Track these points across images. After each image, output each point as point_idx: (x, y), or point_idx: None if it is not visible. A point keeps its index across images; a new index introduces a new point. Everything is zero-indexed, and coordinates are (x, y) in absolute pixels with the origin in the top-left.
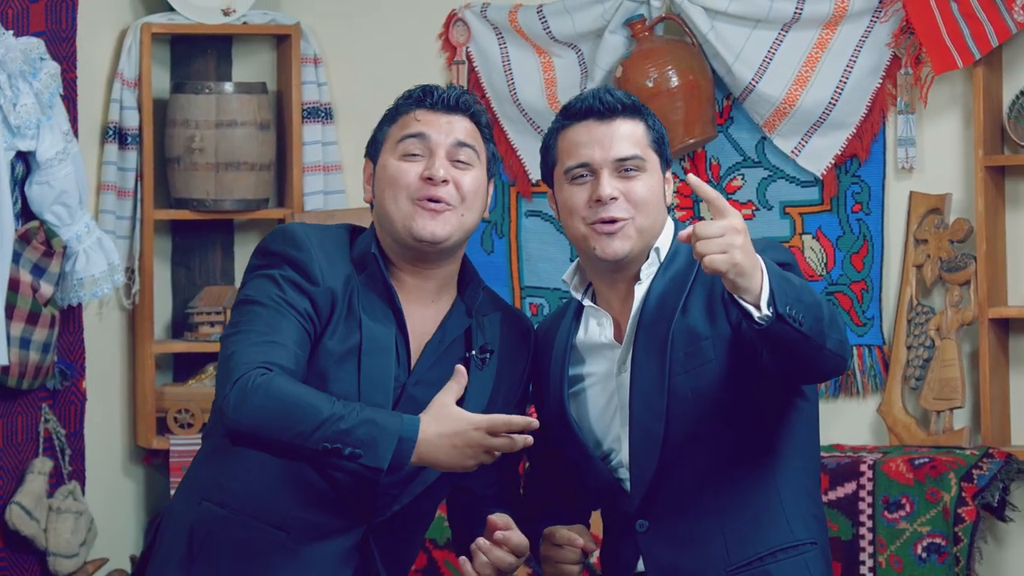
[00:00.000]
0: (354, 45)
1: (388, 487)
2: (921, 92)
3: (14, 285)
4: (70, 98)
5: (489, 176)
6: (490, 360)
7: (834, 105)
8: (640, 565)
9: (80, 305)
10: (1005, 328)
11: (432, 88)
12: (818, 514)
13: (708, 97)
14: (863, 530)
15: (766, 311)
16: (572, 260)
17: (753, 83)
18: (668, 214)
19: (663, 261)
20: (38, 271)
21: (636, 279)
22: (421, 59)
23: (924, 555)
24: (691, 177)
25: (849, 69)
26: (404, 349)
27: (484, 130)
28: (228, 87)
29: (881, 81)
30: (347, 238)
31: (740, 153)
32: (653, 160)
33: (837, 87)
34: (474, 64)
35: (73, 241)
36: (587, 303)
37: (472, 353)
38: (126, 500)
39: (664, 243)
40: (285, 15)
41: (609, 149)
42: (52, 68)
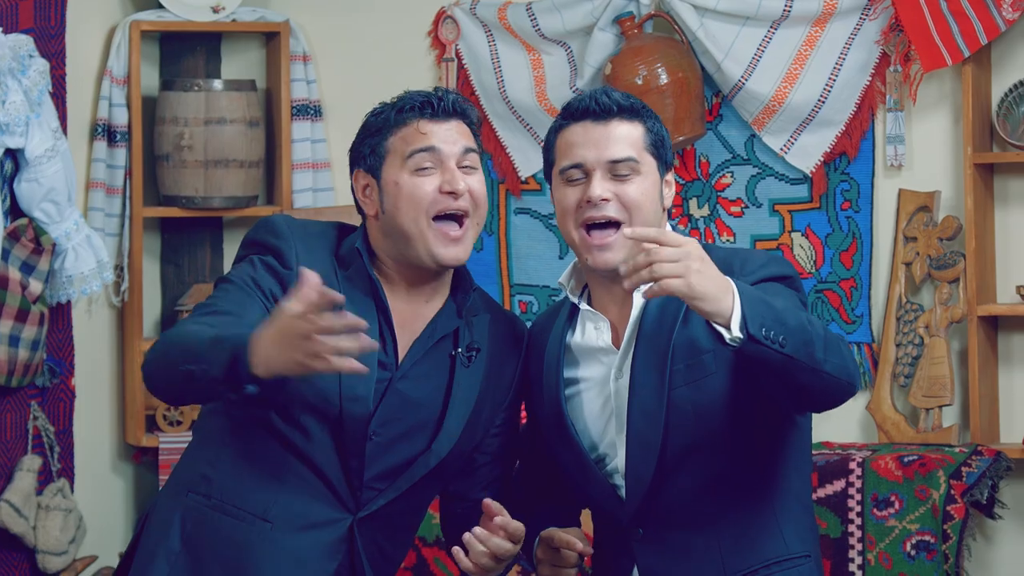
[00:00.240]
0: (343, 42)
1: (372, 481)
2: (910, 89)
3: (3, 282)
4: (59, 95)
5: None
6: (477, 359)
7: (823, 102)
8: (635, 573)
9: (69, 302)
10: (994, 325)
11: (428, 97)
12: (812, 525)
13: (697, 94)
14: (852, 528)
15: (737, 333)
16: (561, 258)
17: (742, 80)
18: (667, 218)
19: None
20: (27, 268)
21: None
22: (410, 56)
23: (913, 553)
24: (625, 230)
25: (838, 66)
26: (391, 344)
27: (475, 128)
28: (217, 84)
29: (870, 78)
30: (334, 235)
31: (729, 151)
32: (649, 163)
33: (826, 84)
34: (463, 61)
35: (62, 238)
36: (584, 306)
37: (459, 351)
38: (115, 497)
39: None
40: (274, 12)
41: (603, 150)
42: (41, 65)
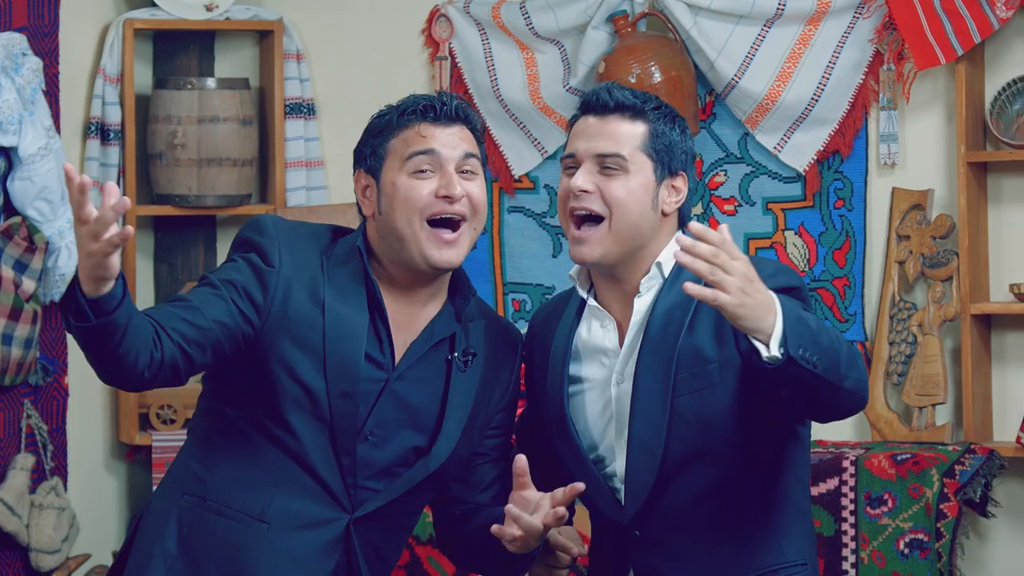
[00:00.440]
0: (337, 41)
1: (368, 481)
2: (903, 88)
3: None
4: (52, 94)
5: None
6: (473, 365)
7: (816, 101)
8: (631, 574)
9: None
10: (987, 324)
11: (432, 101)
12: (810, 532)
13: (691, 93)
14: (846, 526)
15: (776, 352)
16: (555, 256)
17: (736, 79)
18: (678, 228)
19: (668, 276)
20: (20, 267)
21: (635, 291)
22: (404, 55)
23: (906, 551)
24: (693, 225)
25: (832, 65)
26: (388, 344)
27: (478, 134)
28: (210, 83)
29: (863, 77)
30: (327, 236)
31: (723, 149)
32: (642, 163)
33: (820, 83)
34: (457, 60)
35: (55, 237)
36: (592, 302)
37: (455, 355)
38: (108, 496)
39: (667, 258)
40: (268, 11)
41: (593, 143)
42: (34, 63)
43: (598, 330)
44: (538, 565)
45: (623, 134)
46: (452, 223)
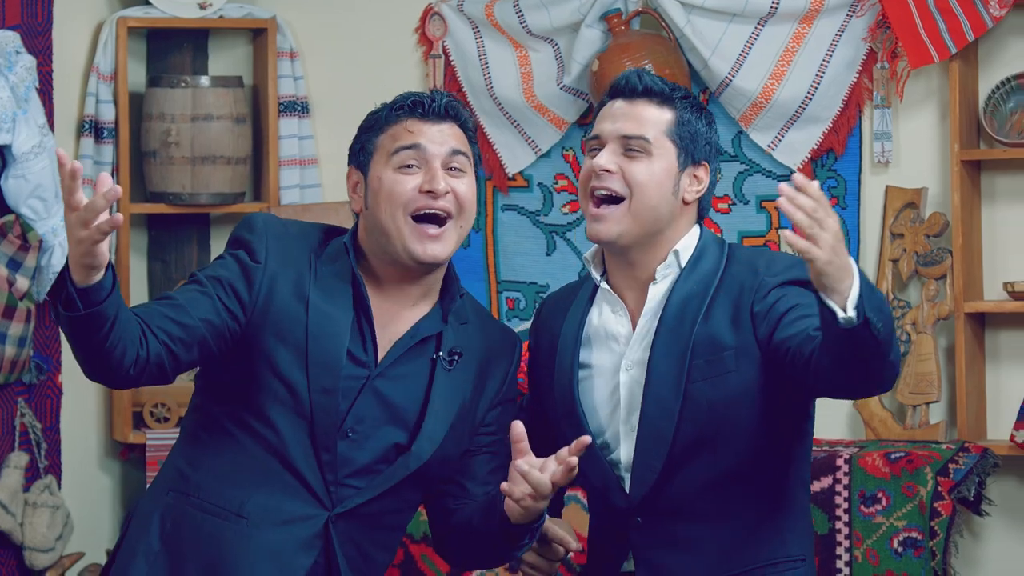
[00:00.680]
0: (330, 39)
1: (348, 478)
2: (897, 86)
3: None
4: (46, 92)
5: (476, 177)
6: (460, 366)
7: (810, 99)
8: (628, 565)
9: None
10: (981, 322)
11: (421, 97)
12: (809, 530)
13: None
14: (840, 524)
15: (851, 313)
16: (548, 255)
17: (729, 77)
18: (696, 219)
19: (685, 265)
20: (14, 265)
21: (651, 278)
22: (398, 53)
23: (900, 549)
24: (796, 177)
25: (825, 63)
26: (371, 342)
27: (470, 134)
28: (204, 81)
29: (857, 75)
30: (318, 235)
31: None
32: (666, 148)
33: (813, 81)
34: (450, 58)
35: (49, 235)
36: (604, 287)
37: (440, 355)
38: (102, 494)
39: (685, 246)
40: (261, 9)
41: (619, 124)
42: (28, 61)
43: (609, 316)
44: (530, 553)
45: (649, 118)
46: (437, 219)
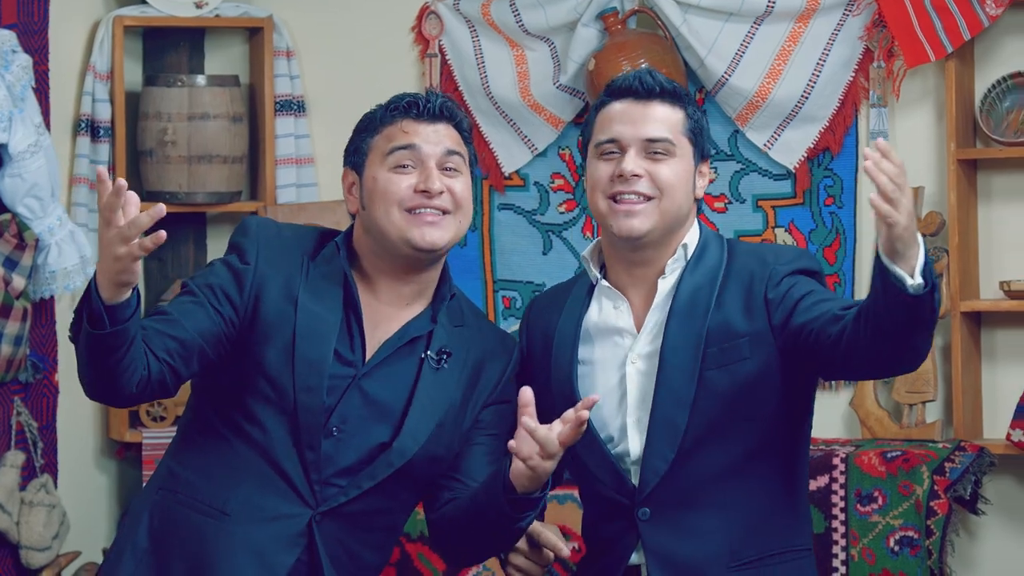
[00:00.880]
0: (327, 38)
1: (334, 477)
2: (893, 85)
3: None
4: (42, 91)
5: (472, 178)
6: (451, 366)
7: (806, 98)
8: (635, 557)
9: (52, 298)
10: (977, 321)
11: (416, 98)
12: (810, 520)
13: None
14: (836, 523)
15: (919, 280)
16: (545, 254)
17: (726, 76)
18: (696, 210)
19: (691, 257)
20: (10, 264)
21: (660, 273)
22: (394, 52)
23: (897, 548)
24: (879, 142)
25: (821, 62)
26: (359, 341)
27: (466, 134)
28: (200, 80)
29: (853, 74)
30: (313, 238)
31: (713, 146)
32: (685, 147)
33: (809, 80)
34: (447, 57)
35: (45, 234)
36: (604, 283)
37: (428, 353)
38: (99, 493)
39: (691, 240)
40: (258, 8)
41: (640, 128)
42: (24, 60)
43: (610, 311)
44: (518, 556)
45: (667, 118)
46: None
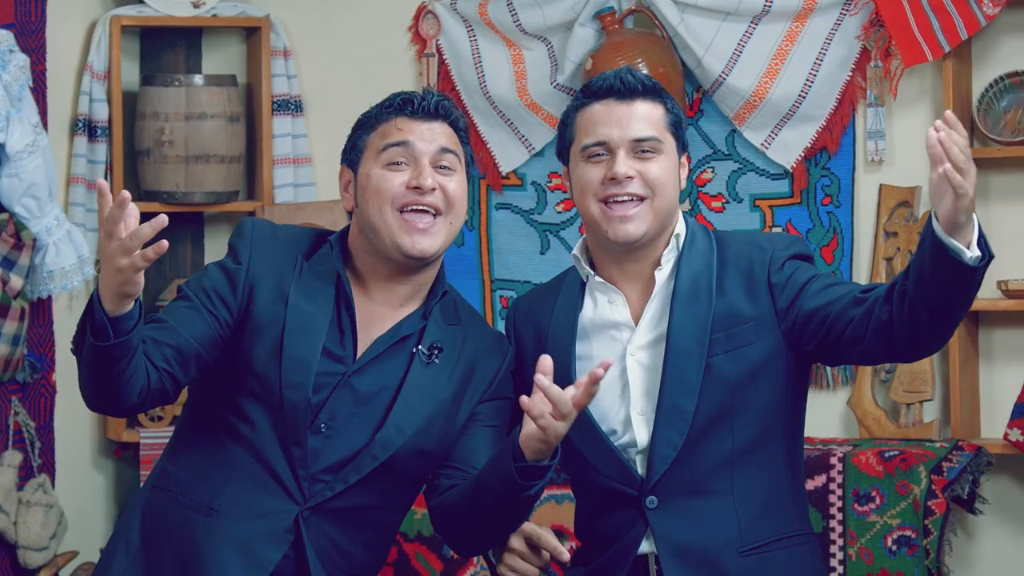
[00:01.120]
0: (324, 38)
1: (322, 473)
2: (891, 85)
3: None
4: (39, 90)
5: (467, 177)
6: (443, 361)
7: (804, 98)
8: (644, 546)
9: (50, 298)
10: (975, 321)
11: (411, 95)
12: (807, 505)
13: (678, 90)
14: (833, 523)
15: (976, 252)
16: (542, 253)
17: (723, 76)
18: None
19: (683, 246)
20: (7, 264)
21: (656, 265)
22: (391, 52)
23: (894, 548)
24: (948, 114)
25: (819, 62)
26: (351, 338)
27: (462, 133)
28: (198, 79)
29: (851, 74)
30: (310, 239)
31: (710, 146)
32: (670, 143)
33: (807, 80)
34: (444, 57)
35: (43, 234)
36: (598, 279)
37: (419, 348)
38: (96, 493)
39: (680, 230)
40: (255, 7)
41: (627, 129)
42: (21, 60)
43: (606, 305)
44: (512, 556)
45: (652, 116)
46: (426, 212)
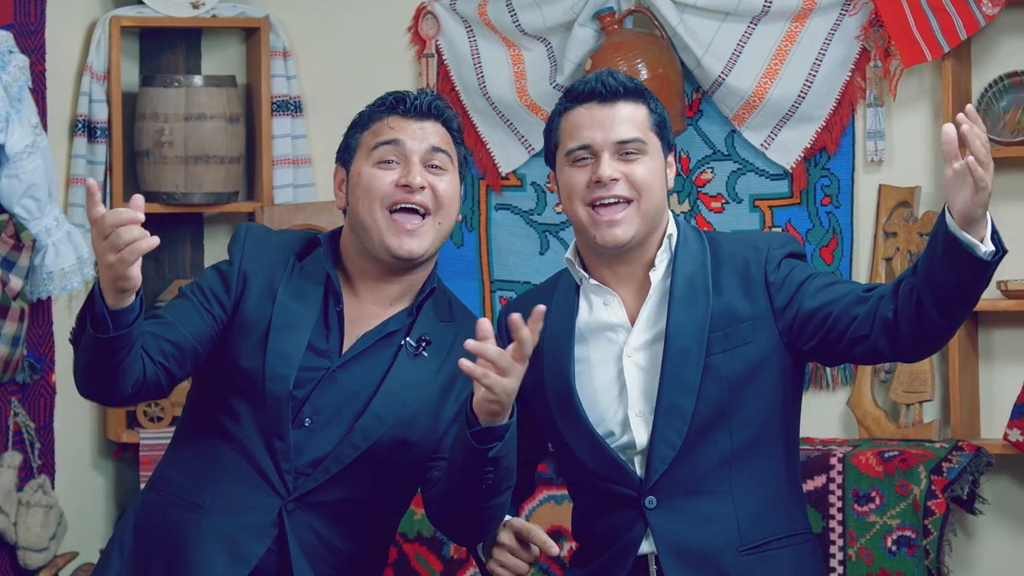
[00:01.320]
0: (323, 38)
1: (306, 467)
2: (890, 85)
3: None
4: (39, 91)
5: (461, 178)
6: (430, 353)
7: (803, 98)
8: (644, 546)
9: (50, 299)
10: (974, 321)
11: (404, 95)
12: (805, 506)
13: (677, 90)
14: (833, 523)
15: (991, 246)
16: (542, 254)
17: (722, 76)
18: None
19: (676, 246)
20: (7, 264)
21: (649, 266)
22: (390, 52)
23: (894, 548)
24: (969, 108)
25: (818, 62)
26: (336, 333)
27: (455, 134)
28: (197, 80)
29: (850, 74)
30: (303, 242)
31: (710, 146)
32: (655, 143)
33: (806, 80)
34: (443, 57)
35: (42, 234)
36: (591, 281)
37: (406, 341)
38: (96, 494)
39: (671, 230)
40: (254, 8)
41: (610, 131)
42: (21, 61)
43: (601, 308)
44: (502, 552)
45: (636, 118)
46: (415, 214)
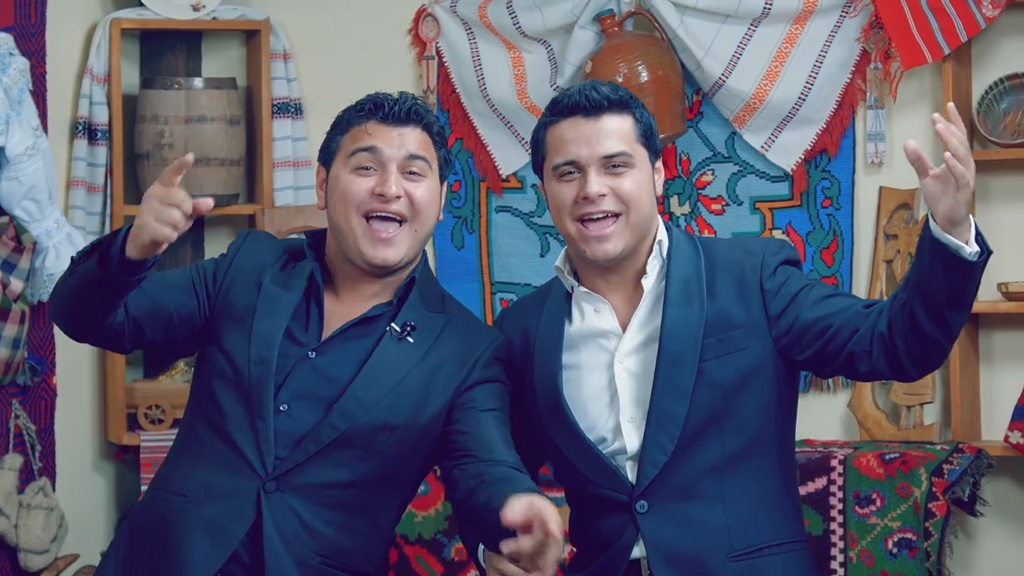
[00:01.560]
0: (324, 40)
1: (283, 449)
2: (890, 87)
3: None
4: (39, 93)
5: (442, 179)
6: (416, 339)
7: (804, 100)
8: (636, 551)
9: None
10: (975, 323)
11: (383, 100)
12: (801, 512)
13: (678, 92)
14: (834, 525)
15: (975, 247)
16: (543, 256)
17: (723, 78)
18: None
19: (667, 252)
20: (8, 267)
21: (640, 273)
22: (391, 54)
23: (895, 550)
24: (949, 107)
25: (818, 64)
26: (316, 322)
27: (436, 138)
28: (197, 82)
29: (850, 76)
30: (299, 244)
31: (710, 148)
32: (641, 154)
33: (807, 82)
34: (444, 59)
35: (43, 237)
36: (583, 289)
37: (391, 326)
38: (97, 496)
39: (662, 236)
40: (255, 10)
41: (596, 146)
42: (21, 63)
43: (592, 315)
44: (502, 561)
45: (621, 130)
46: (391, 221)
